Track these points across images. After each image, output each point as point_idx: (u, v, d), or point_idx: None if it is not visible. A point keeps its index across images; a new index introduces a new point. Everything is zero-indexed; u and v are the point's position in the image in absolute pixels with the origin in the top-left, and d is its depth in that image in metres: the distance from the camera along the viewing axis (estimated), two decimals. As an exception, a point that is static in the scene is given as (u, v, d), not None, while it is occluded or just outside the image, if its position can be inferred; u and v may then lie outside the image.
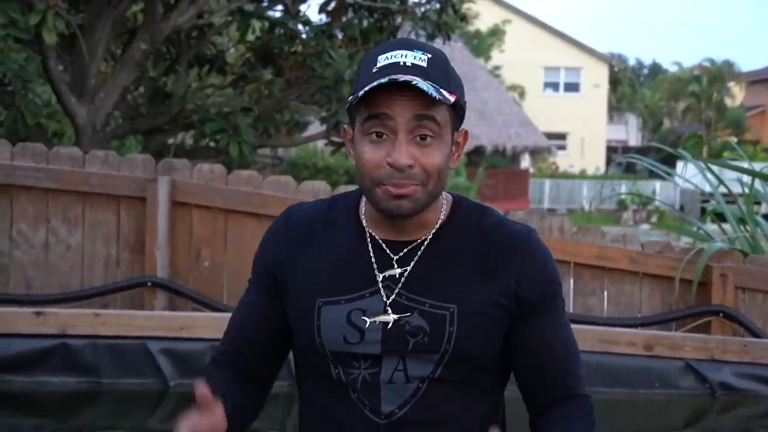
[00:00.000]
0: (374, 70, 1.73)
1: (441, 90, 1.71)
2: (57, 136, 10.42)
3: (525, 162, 34.44)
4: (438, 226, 1.86)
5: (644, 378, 5.63)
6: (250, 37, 8.63)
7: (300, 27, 8.22)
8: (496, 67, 39.48)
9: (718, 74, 44.20)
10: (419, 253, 1.83)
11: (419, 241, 1.84)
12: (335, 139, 8.13)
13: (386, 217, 1.80)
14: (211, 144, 8.24)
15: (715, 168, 7.11)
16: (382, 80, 1.68)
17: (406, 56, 1.73)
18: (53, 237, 5.82)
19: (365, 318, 1.80)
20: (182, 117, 7.95)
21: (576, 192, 33.45)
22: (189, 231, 5.86)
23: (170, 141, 9.27)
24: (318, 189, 5.83)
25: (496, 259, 1.83)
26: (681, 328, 5.90)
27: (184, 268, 5.87)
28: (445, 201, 1.89)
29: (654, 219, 25.86)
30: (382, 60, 1.74)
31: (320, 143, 10.72)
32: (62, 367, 5.32)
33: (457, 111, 1.79)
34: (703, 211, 7.51)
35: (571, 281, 5.94)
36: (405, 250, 1.84)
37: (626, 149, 45.24)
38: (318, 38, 7.84)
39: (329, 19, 8.30)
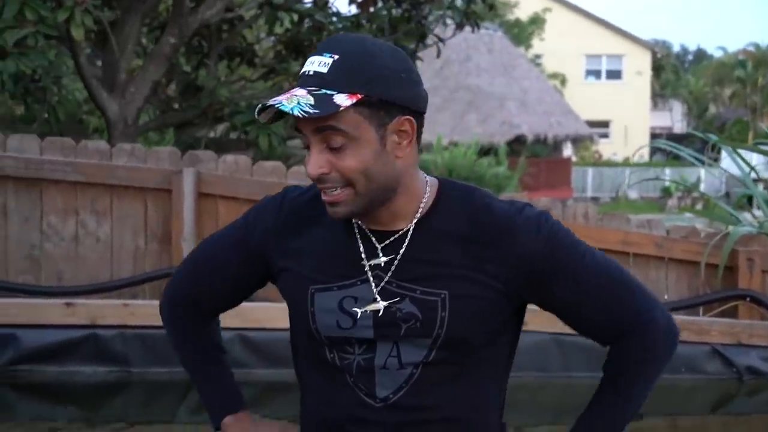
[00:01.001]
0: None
1: (332, 97, 1.68)
2: (98, 131, 10.48)
3: (567, 150, 34.16)
4: (422, 213, 1.84)
5: (671, 363, 5.58)
6: (280, 29, 8.68)
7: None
8: (537, 56, 39.26)
9: (764, 59, 43.61)
10: (406, 240, 1.83)
11: (405, 229, 1.83)
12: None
13: None
14: (242, 136, 8.31)
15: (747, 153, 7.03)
16: (258, 107, 1.73)
17: (312, 63, 1.72)
18: (82, 229, 5.92)
19: (356, 308, 1.81)
20: (212, 110, 8.03)
21: (619, 180, 33.14)
22: (215, 222, 5.92)
23: (210, 134, 9.33)
24: (342, 178, 5.83)
25: (485, 241, 1.81)
26: (707, 313, 5.87)
27: (210, 259, 5.91)
28: (429, 187, 1.86)
29: (699, 206, 25.60)
30: (304, 67, 1.76)
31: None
32: (92, 357, 5.43)
33: (380, 105, 1.73)
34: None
35: (597, 267, 5.90)
36: (391, 238, 1.83)
37: (670, 136, 44.78)
38: (346, 29, 7.87)
39: (358, 10, 8.33)
